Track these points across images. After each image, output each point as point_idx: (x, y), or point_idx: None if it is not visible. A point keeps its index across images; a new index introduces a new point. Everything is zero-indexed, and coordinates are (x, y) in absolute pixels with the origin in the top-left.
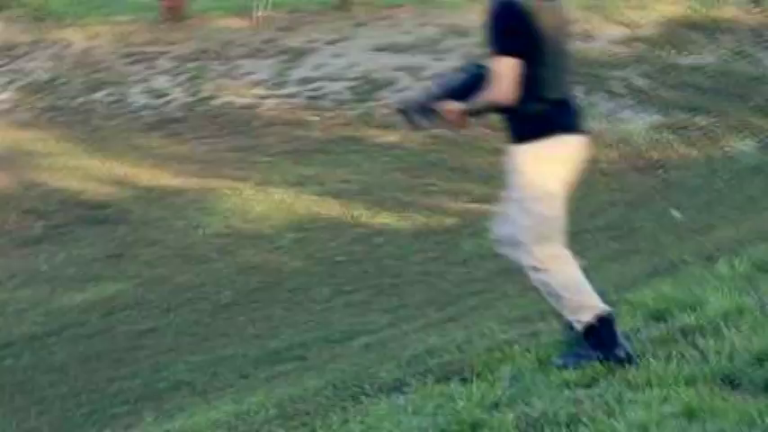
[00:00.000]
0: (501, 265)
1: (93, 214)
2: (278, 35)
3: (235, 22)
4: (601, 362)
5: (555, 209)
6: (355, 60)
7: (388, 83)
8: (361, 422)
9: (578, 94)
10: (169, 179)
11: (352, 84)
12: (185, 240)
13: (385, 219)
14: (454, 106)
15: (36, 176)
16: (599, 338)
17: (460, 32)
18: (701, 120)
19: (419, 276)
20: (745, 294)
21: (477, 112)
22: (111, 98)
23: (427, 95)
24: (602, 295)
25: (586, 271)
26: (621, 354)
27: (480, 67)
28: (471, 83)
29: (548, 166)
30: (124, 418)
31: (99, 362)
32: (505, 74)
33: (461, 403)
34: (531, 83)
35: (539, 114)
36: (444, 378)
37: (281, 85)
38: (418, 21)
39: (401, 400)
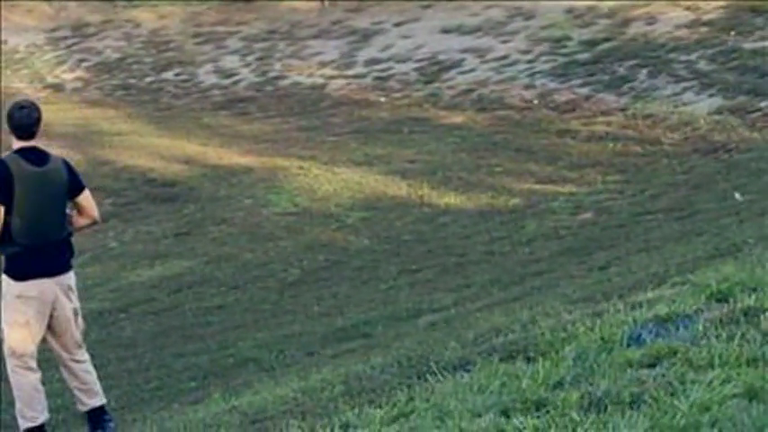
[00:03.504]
0: (565, 245)
1: (161, 192)
2: (346, 16)
3: (303, 3)
4: None
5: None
6: (422, 42)
7: (455, 64)
8: (427, 400)
9: (641, 76)
10: (237, 158)
11: (419, 65)
12: (253, 218)
13: (450, 199)
14: None
15: (106, 154)
16: None
17: (526, 15)
18: (763, 103)
19: (484, 256)
20: None
21: None
22: (181, 77)
23: None
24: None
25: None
26: None
27: None
28: None
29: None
30: (191, 394)
31: (167, 338)
32: None
33: (526, 382)
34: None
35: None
36: (509, 357)
37: (348, 65)
38: (485, 3)
39: (466, 378)
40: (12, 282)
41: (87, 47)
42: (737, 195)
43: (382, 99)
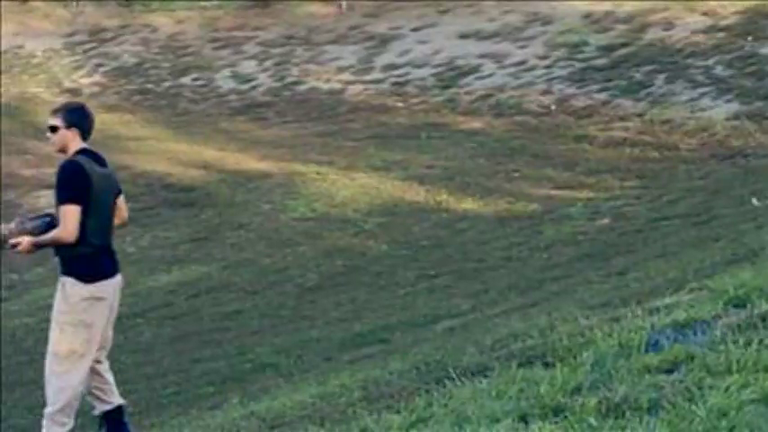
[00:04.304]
0: (582, 250)
1: (179, 197)
2: (363, 21)
3: (321, 8)
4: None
5: None
6: (440, 47)
7: (473, 70)
8: (445, 405)
9: (659, 82)
10: (255, 163)
11: (437, 70)
12: (270, 224)
13: (468, 204)
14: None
15: (123, 159)
16: None
17: (544, 20)
18: None
19: (502, 261)
20: None
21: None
22: (198, 82)
23: (9, 232)
24: None
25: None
26: None
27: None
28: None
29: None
30: (209, 399)
31: (185, 343)
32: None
33: (544, 387)
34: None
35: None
36: (527, 362)
37: (366, 70)
38: (502, 8)
39: (484, 383)
40: (79, 284)
41: (105, 52)
42: (755, 201)
43: (400, 104)
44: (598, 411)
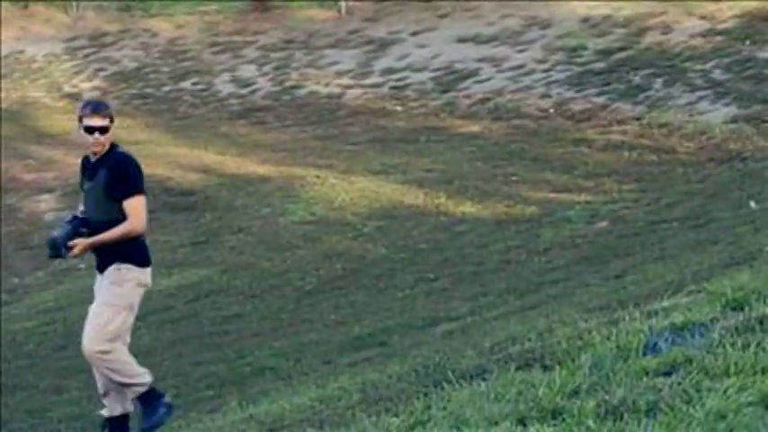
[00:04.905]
0: (581, 254)
1: (179, 201)
2: (362, 26)
3: (320, 13)
4: None
5: None
6: (439, 51)
7: (471, 73)
8: (444, 408)
9: (657, 85)
10: (254, 167)
11: (436, 74)
12: (270, 227)
13: (467, 207)
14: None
15: None
16: None
17: (542, 24)
18: None
19: (500, 265)
20: None
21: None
22: (198, 87)
23: (66, 234)
24: None
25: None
26: None
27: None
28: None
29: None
30: (208, 403)
31: (184, 346)
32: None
33: (542, 390)
34: None
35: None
36: (525, 365)
37: (365, 75)
38: (501, 12)
39: (483, 386)
40: (136, 269)
41: (105, 56)
42: (752, 204)
43: (399, 108)
44: (596, 414)
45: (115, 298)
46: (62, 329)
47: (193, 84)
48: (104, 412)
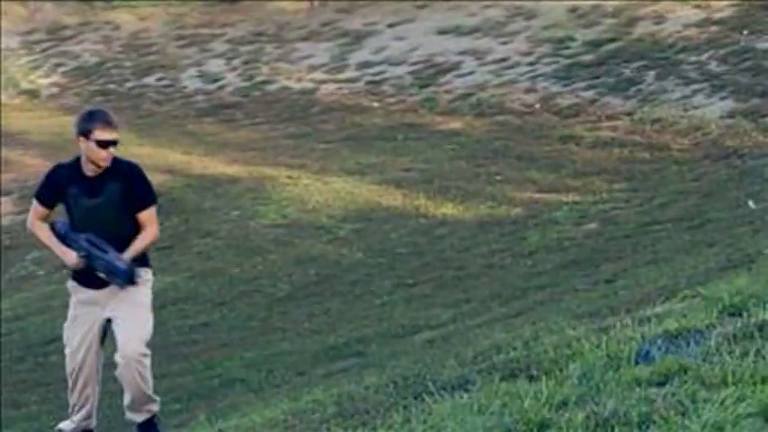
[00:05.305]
0: (569, 257)
1: None
2: (336, 17)
3: (291, 4)
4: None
5: None
6: (417, 43)
7: (452, 67)
8: (424, 421)
9: (649, 79)
10: (223, 167)
11: (414, 68)
12: (240, 231)
13: (448, 209)
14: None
15: None
16: None
17: (527, 14)
18: None
19: (483, 269)
20: None
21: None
22: (163, 83)
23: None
24: None
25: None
26: None
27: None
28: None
29: None
30: (175, 417)
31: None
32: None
33: (528, 402)
34: None
35: None
36: (510, 376)
37: (339, 69)
38: (483, 2)
39: (465, 398)
40: (150, 272)
41: (64, 50)
42: (751, 203)
43: (375, 104)
44: (585, 427)
45: (146, 298)
46: (20, 340)
47: (158, 79)
48: (137, 418)
